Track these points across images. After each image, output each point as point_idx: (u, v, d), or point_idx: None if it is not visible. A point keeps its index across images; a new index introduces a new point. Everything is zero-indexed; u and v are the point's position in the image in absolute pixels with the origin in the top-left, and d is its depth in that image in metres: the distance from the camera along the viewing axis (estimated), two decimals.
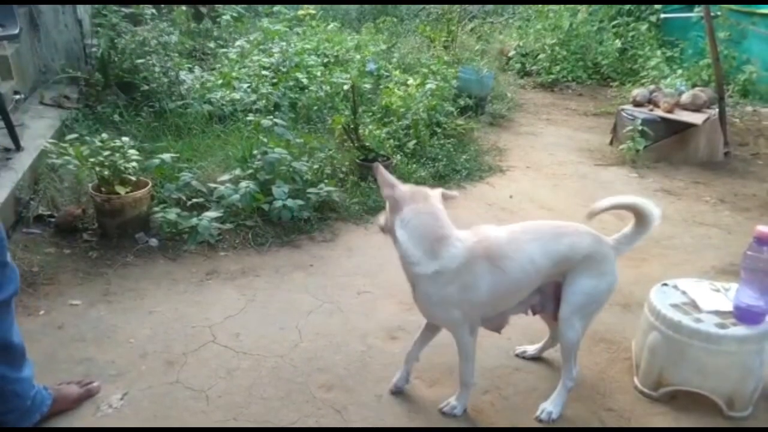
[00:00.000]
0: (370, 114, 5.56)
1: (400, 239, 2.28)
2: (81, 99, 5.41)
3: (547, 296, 2.53)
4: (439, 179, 4.95)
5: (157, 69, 5.47)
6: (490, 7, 11.61)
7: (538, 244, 2.36)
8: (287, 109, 5.50)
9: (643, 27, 8.93)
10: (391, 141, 5.08)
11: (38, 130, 4.51)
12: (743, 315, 2.52)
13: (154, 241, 3.69)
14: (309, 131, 5.23)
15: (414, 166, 4.93)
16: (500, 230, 2.42)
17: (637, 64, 8.52)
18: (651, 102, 6.06)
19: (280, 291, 3.38)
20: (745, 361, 2.50)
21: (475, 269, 2.27)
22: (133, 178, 3.74)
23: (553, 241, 2.38)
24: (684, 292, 2.74)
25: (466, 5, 9.99)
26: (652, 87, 6.46)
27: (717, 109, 5.89)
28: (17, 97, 4.61)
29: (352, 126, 4.88)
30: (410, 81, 5.97)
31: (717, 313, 2.59)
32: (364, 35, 8.06)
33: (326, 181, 4.29)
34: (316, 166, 4.44)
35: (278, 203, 3.89)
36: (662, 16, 8.98)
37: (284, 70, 6.13)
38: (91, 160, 3.65)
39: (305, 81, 5.89)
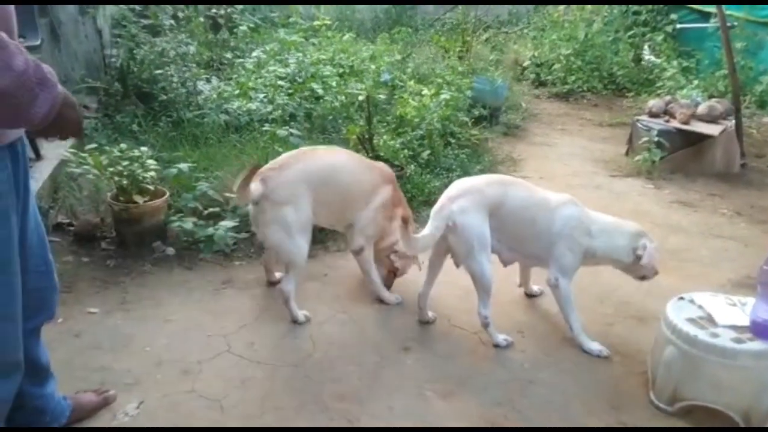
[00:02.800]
0: (385, 124, 5.58)
1: None
2: (100, 108, 5.49)
3: None
4: None
5: (175, 79, 5.54)
6: (504, 16, 11.66)
7: None
8: (302, 119, 5.54)
9: (659, 37, 8.90)
10: (406, 151, 5.10)
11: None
12: (760, 330, 2.50)
13: (170, 250, 3.74)
14: (324, 141, 5.25)
15: (428, 176, 4.94)
16: None
17: (653, 74, 8.49)
18: (667, 113, 6.02)
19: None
20: (762, 377, 2.47)
21: None
22: (151, 188, 3.79)
23: None
24: (700, 306, 2.72)
25: (480, 15, 10.02)
26: (668, 98, 6.43)
27: (733, 121, 5.85)
28: None
29: (366, 136, 4.91)
30: (425, 91, 5.98)
31: (733, 327, 2.56)
32: (379, 45, 8.10)
33: None
34: None
35: None
36: (678, 26, 8.94)
37: (300, 80, 6.18)
38: (110, 169, 3.70)
39: (320, 91, 5.93)
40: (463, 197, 2.95)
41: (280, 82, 5.98)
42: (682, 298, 2.79)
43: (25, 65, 1.51)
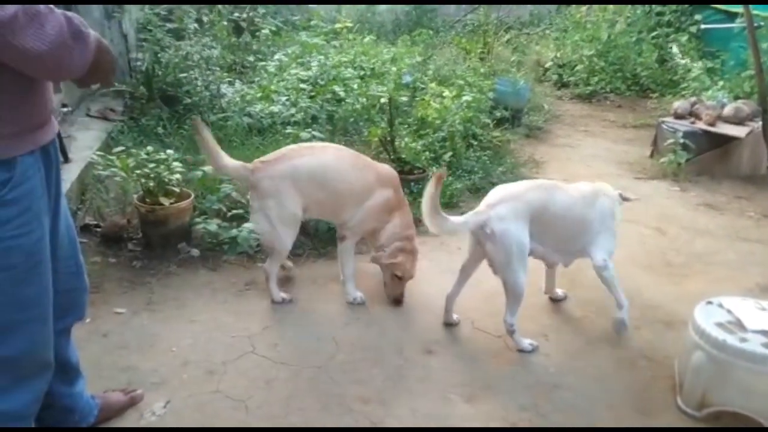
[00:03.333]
0: (406, 126, 5.58)
1: None
2: (126, 111, 5.57)
3: None
4: (475, 192, 4.93)
5: (199, 82, 5.60)
6: (526, 17, 11.60)
7: None
8: (324, 122, 5.56)
9: (684, 38, 8.78)
10: (427, 153, 5.09)
11: (85, 141, 4.66)
12: None
13: (195, 252, 3.77)
14: (346, 143, 5.26)
15: (450, 178, 4.92)
16: None
17: (678, 75, 8.37)
18: (692, 114, 5.95)
19: (316, 302, 3.41)
20: None
21: None
22: (177, 190, 3.83)
23: None
24: (729, 311, 2.68)
25: (502, 16, 9.99)
26: (693, 99, 6.34)
27: (760, 122, 5.75)
28: (65, 109, 4.78)
29: (388, 138, 4.91)
30: (446, 93, 5.96)
31: (763, 332, 2.52)
32: (399, 48, 8.11)
33: None
34: None
35: None
36: (702, 26, 8.80)
37: (322, 83, 6.20)
38: (137, 171, 3.74)
39: (342, 93, 5.94)
40: (501, 204, 2.92)
41: (302, 85, 6.02)
42: (710, 303, 2.76)
43: (59, 25, 1.53)
